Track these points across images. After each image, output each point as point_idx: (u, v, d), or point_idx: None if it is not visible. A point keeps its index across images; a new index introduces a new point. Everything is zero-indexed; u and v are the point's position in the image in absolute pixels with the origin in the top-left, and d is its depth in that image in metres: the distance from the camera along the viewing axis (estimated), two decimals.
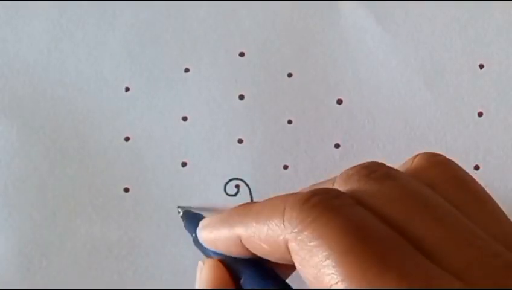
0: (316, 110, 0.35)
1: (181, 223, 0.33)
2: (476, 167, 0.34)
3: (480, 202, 0.24)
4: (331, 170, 0.34)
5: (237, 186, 0.33)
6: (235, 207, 0.26)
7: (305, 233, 0.21)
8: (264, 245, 0.23)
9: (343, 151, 0.34)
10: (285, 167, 0.34)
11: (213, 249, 0.27)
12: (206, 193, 0.33)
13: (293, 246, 0.22)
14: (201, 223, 0.28)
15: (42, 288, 0.33)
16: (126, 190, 0.34)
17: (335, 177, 0.24)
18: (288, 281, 0.25)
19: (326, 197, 0.22)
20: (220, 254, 0.27)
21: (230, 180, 0.33)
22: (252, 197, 0.33)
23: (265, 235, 0.23)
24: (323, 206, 0.22)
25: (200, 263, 0.28)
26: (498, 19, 0.35)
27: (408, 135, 0.34)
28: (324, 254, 0.21)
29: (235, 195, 0.33)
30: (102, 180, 0.34)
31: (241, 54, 0.35)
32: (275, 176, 0.34)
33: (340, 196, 0.23)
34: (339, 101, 0.35)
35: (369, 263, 0.20)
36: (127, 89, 0.35)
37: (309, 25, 0.35)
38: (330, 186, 0.24)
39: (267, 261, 0.24)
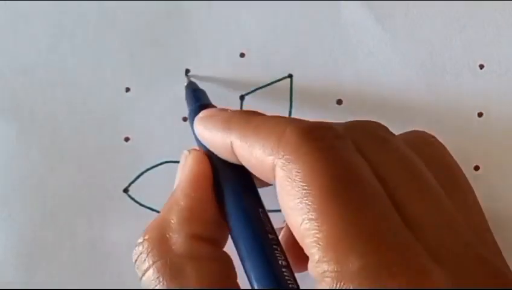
0: (316, 110, 0.35)
1: None
2: (476, 167, 0.34)
3: (464, 192, 0.24)
4: None
5: None
6: (237, 112, 0.26)
7: (296, 164, 0.21)
8: (253, 159, 0.23)
9: None
10: None
11: (204, 143, 0.27)
12: None
13: (279, 171, 0.21)
14: (201, 114, 0.28)
15: (42, 288, 0.33)
16: (126, 190, 0.34)
17: (339, 123, 0.24)
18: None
19: (329, 134, 0.22)
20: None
21: None
22: None
23: (257, 151, 0.23)
24: (323, 142, 0.21)
25: (186, 152, 0.28)
26: (498, 19, 0.35)
27: None
28: (306, 189, 0.20)
29: None
30: (102, 180, 0.34)
31: (242, 54, 0.35)
32: None
33: (342, 137, 0.22)
34: (339, 101, 0.35)
35: (348, 211, 0.20)
36: (127, 89, 0.35)
37: (309, 25, 0.35)
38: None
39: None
